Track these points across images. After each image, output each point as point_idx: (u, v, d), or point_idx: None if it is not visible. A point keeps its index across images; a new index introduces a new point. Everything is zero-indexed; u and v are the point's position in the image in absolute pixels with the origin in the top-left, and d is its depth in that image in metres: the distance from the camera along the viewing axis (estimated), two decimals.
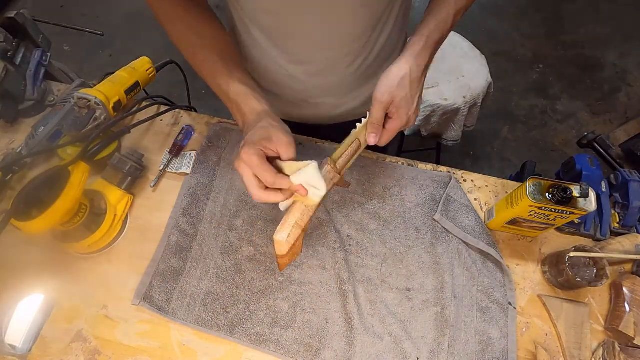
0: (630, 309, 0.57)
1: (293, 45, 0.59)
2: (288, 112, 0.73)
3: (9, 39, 0.76)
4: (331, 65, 0.62)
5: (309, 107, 0.70)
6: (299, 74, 0.63)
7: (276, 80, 0.66)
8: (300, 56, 0.60)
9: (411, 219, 0.66)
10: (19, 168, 0.70)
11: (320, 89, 0.67)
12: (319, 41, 0.58)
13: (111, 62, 2.14)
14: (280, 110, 0.72)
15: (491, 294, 0.60)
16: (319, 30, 0.56)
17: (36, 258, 0.64)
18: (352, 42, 0.59)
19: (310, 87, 0.66)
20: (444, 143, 1.41)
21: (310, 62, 0.61)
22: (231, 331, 0.57)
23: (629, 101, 2.01)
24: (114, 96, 0.68)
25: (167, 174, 0.72)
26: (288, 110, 0.73)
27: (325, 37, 0.57)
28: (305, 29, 0.56)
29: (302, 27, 0.55)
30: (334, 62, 0.61)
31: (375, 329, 0.58)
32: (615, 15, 2.30)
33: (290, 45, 0.59)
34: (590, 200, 0.53)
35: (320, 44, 0.58)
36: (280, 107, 0.72)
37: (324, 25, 0.55)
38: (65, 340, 0.58)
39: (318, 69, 0.62)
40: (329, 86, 0.66)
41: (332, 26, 0.55)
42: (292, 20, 0.54)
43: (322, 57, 0.60)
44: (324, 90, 0.67)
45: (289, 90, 0.67)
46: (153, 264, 0.62)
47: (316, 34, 0.56)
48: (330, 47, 0.59)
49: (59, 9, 2.35)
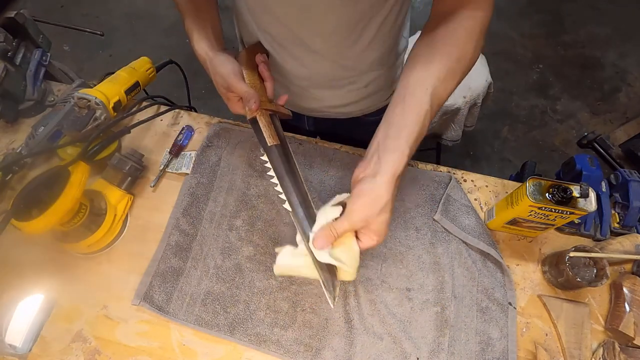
0: (630, 309, 0.57)
1: (271, 27, 0.60)
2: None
3: (9, 39, 0.76)
4: (308, 55, 0.62)
5: (291, 94, 0.71)
6: (280, 58, 0.64)
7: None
8: (279, 39, 0.61)
9: (411, 219, 0.66)
10: (19, 168, 0.70)
11: (299, 77, 0.67)
12: (295, 29, 0.58)
13: (111, 62, 2.14)
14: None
15: (491, 294, 0.60)
16: (296, 20, 0.56)
17: (36, 258, 0.64)
18: (329, 37, 0.58)
19: (290, 74, 0.67)
20: (444, 143, 1.41)
21: (287, 48, 0.62)
22: (231, 331, 0.57)
23: (629, 101, 2.01)
24: (114, 96, 0.68)
25: (167, 174, 0.72)
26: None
27: (303, 27, 0.57)
28: (282, 15, 0.56)
29: (280, 10, 0.56)
30: (311, 53, 0.61)
31: (375, 328, 0.58)
32: (615, 15, 2.30)
33: (269, 27, 0.60)
34: (590, 200, 0.53)
35: (297, 32, 0.58)
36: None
37: (302, 14, 0.55)
38: (65, 340, 0.58)
39: (295, 55, 0.63)
40: (307, 75, 0.66)
41: (310, 17, 0.55)
42: (271, 3, 0.56)
43: (298, 46, 0.61)
44: (302, 79, 0.67)
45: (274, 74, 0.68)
46: (153, 264, 0.62)
47: (292, 23, 0.57)
48: (308, 37, 0.59)
49: (59, 9, 2.35)
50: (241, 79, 0.54)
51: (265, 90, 0.57)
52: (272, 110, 0.56)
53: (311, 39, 0.59)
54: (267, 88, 0.57)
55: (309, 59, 0.62)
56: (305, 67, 0.64)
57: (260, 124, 0.54)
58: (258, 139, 0.54)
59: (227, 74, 0.53)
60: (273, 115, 0.57)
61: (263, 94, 0.56)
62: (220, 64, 0.55)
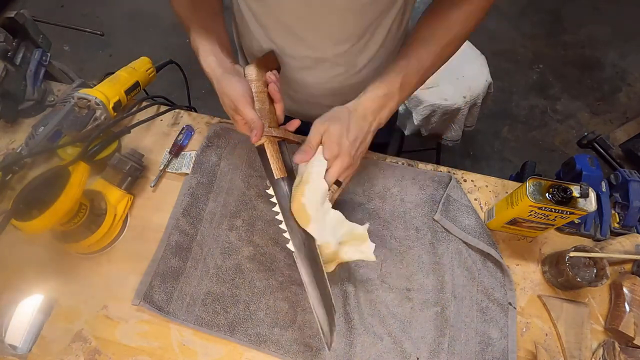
0: (630, 309, 0.57)
1: (281, 37, 0.59)
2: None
3: (9, 39, 0.76)
4: (313, 64, 0.62)
5: (291, 101, 0.71)
6: (288, 68, 0.63)
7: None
8: (288, 50, 0.60)
9: (411, 219, 0.66)
10: (19, 168, 0.70)
11: (308, 86, 0.67)
12: (306, 38, 0.57)
13: (111, 62, 2.14)
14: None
15: (491, 294, 0.60)
16: (303, 27, 0.56)
17: (36, 258, 0.64)
18: (334, 46, 0.58)
19: (299, 84, 0.66)
20: (444, 143, 1.41)
21: (294, 57, 0.61)
22: (231, 331, 0.57)
23: (629, 101, 2.01)
24: (114, 96, 0.68)
25: (167, 174, 0.72)
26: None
27: (309, 35, 0.57)
28: (287, 22, 0.56)
29: (283, 18, 0.55)
30: (316, 62, 0.61)
31: (375, 329, 0.58)
32: (615, 15, 2.30)
33: (278, 38, 0.59)
34: (590, 200, 0.53)
35: (308, 41, 0.58)
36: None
37: (308, 23, 0.55)
38: (65, 340, 0.58)
39: (303, 65, 0.62)
40: (317, 84, 0.66)
41: (315, 25, 0.55)
42: (274, 9, 0.55)
43: (304, 55, 0.60)
44: (312, 88, 0.67)
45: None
46: (153, 264, 0.62)
47: (303, 32, 0.56)
48: (314, 46, 0.58)
49: (59, 9, 2.35)
50: (249, 103, 0.50)
51: (274, 112, 0.54)
52: (280, 137, 0.53)
53: (322, 48, 0.59)
54: (277, 110, 0.54)
55: (319, 67, 0.62)
56: (315, 76, 0.64)
57: (267, 154, 0.51)
58: (264, 167, 0.51)
59: (236, 97, 0.50)
60: (282, 143, 0.54)
61: (272, 117, 0.53)
62: (228, 85, 0.51)
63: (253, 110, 0.50)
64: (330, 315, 0.47)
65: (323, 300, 0.47)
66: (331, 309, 0.47)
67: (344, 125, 0.50)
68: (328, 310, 0.47)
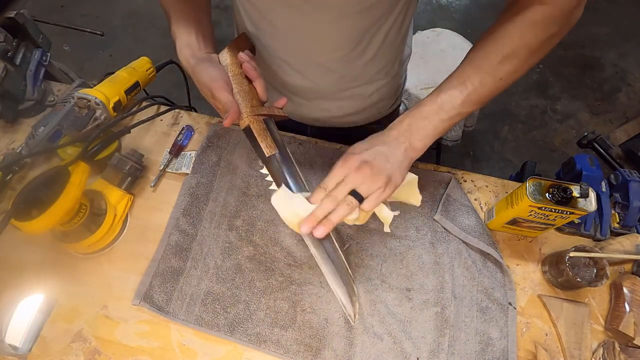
0: (630, 309, 0.57)
1: (275, 41, 0.59)
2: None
3: (9, 39, 0.76)
4: (313, 68, 0.61)
5: (294, 104, 0.71)
6: (283, 71, 0.63)
7: (260, 64, 0.66)
8: (282, 53, 0.60)
9: (411, 219, 0.66)
10: (19, 168, 0.70)
11: (302, 90, 0.66)
12: (301, 44, 0.57)
13: (111, 62, 2.14)
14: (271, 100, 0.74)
15: (491, 294, 0.60)
16: (302, 34, 0.55)
17: (36, 258, 0.64)
18: (330, 52, 0.58)
19: (293, 86, 0.66)
20: (444, 143, 1.41)
21: (290, 62, 0.61)
22: (231, 331, 0.57)
23: (629, 101, 2.01)
24: (114, 96, 0.68)
25: (167, 174, 0.72)
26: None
27: (304, 41, 0.56)
28: (281, 28, 0.56)
29: (277, 23, 0.55)
30: (311, 67, 0.61)
31: (375, 329, 0.58)
32: (615, 15, 2.30)
33: (273, 41, 0.59)
34: (590, 200, 0.53)
35: (303, 46, 0.57)
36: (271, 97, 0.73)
37: (301, 30, 0.55)
38: (65, 340, 0.58)
39: (297, 69, 0.62)
40: (312, 88, 0.66)
41: (309, 32, 0.55)
42: (267, 14, 0.55)
43: (299, 59, 0.60)
44: (306, 91, 0.67)
45: (270, 80, 0.67)
46: (153, 264, 0.62)
47: (299, 37, 0.56)
48: (308, 52, 0.58)
49: (59, 8, 2.35)
50: (222, 87, 0.48)
51: (255, 91, 0.52)
52: (265, 115, 0.51)
53: (317, 54, 0.58)
54: (257, 88, 0.51)
55: (315, 72, 0.62)
56: (310, 80, 0.64)
57: (255, 133, 0.49)
58: (254, 149, 0.50)
59: (209, 83, 0.48)
60: (268, 120, 0.51)
61: (253, 96, 0.51)
62: (201, 72, 0.49)
63: (227, 93, 0.48)
64: (349, 285, 0.46)
65: (339, 272, 0.45)
66: (349, 279, 0.45)
67: (375, 152, 0.47)
68: (346, 281, 0.45)
